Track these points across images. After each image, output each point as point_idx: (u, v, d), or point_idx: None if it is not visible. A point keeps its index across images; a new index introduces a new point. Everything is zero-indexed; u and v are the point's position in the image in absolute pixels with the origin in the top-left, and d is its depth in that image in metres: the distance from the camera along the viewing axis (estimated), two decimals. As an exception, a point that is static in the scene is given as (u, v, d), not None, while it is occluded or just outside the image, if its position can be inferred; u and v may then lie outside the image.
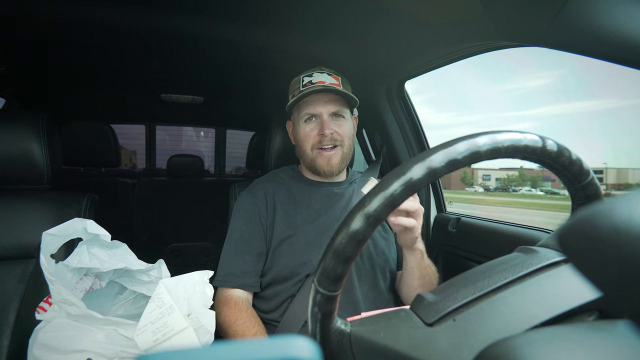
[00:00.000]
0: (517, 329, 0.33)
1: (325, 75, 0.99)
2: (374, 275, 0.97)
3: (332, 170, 0.99)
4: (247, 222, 0.98)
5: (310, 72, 1.01)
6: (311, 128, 0.98)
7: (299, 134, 1.01)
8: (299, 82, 1.00)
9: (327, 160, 0.98)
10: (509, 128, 0.38)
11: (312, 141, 0.98)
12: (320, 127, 0.97)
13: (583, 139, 72.31)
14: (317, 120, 0.98)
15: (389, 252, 1.02)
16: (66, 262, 0.71)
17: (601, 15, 0.56)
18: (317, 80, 0.97)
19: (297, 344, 0.18)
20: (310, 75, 0.99)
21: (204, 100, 2.07)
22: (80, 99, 2.05)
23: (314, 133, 0.98)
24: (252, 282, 0.93)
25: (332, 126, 0.97)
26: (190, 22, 1.09)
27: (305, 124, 0.99)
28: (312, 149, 0.99)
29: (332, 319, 0.39)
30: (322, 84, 0.96)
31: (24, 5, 0.97)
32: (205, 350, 0.18)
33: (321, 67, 1.02)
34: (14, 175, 0.89)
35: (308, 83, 0.97)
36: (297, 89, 1.00)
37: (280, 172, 1.09)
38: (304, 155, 1.01)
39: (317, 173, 1.01)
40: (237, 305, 0.88)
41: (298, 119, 1.01)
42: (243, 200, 1.02)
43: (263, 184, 1.04)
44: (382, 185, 0.35)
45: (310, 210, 0.99)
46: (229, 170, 3.21)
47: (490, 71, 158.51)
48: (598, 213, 0.19)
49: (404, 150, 1.37)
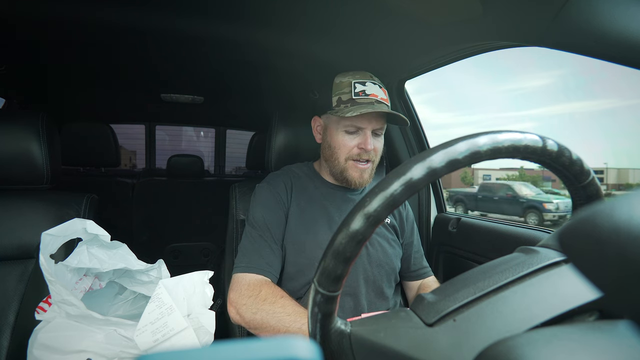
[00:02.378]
0: (518, 329, 0.33)
1: (377, 87, 0.94)
2: (380, 282, 0.96)
3: (362, 183, 0.97)
4: (270, 211, 0.95)
5: (362, 78, 0.94)
6: (351, 139, 0.94)
7: (336, 141, 0.96)
8: (349, 87, 0.93)
9: (360, 173, 0.95)
10: (509, 128, 0.37)
11: (350, 153, 0.95)
12: (362, 142, 0.93)
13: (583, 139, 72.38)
14: (360, 133, 0.94)
15: (396, 259, 1.01)
16: (66, 262, 0.71)
17: (601, 15, 0.56)
18: (370, 92, 0.92)
19: (297, 344, 0.18)
20: (364, 84, 0.94)
21: (204, 100, 2.07)
22: (80, 99, 2.05)
23: (352, 144, 0.94)
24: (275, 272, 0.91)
25: (374, 142, 0.94)
26: (190, 22, 1.09)
27: (346, 133, 0.95)
28: (346, 160, 0.95)
29: (332, 319, 0.39)
30: (375, 98, 0.92)
31: (24, 5, 0.97)
32: (205, 350, 0.18)
33: (372, 76, 0.97)
34: (13, 175, 0.89)
35: (361, 93, 0.92)
36: (346, 93, 0.93)
37: (294, 167, 1.07)
38: (335, 162, 0.97)
39: (344, 182, 0.99)
40: (274, 286, 0.85)
41: (337, 124, 0.95)
42: (262, 190, 0.99)
43: (281, 176, 1.02)
44: (382, 185, 0.35)
45: (323, 212, 0.97)
46: (229, 170, 3.22)
47: (491, 71, 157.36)
48: (598, 213, 0.19)
49: (404, 150, 1.37)
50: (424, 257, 1.10)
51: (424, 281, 1.07)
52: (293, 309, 0.78)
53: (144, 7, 1.02)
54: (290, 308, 0.78)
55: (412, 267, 1.06)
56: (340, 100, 0.93)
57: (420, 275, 1.06)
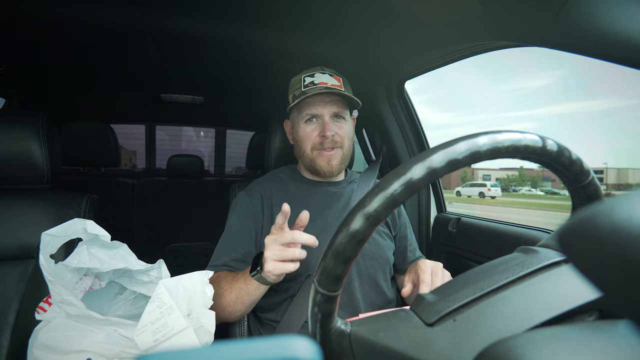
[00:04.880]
0: (517, 329, 0.33)
1: (327, 76, 0.98)
2: (375, 275, 0.97)
3: (332, 171, 0.99)
4: (240, 221, 0.97)
5: (311, 72, 1.00)
6: (312, 129, 0.98)
7: (299, 134, 1.00)
8: (300, 82, 0.99)
9: (327, 160, 0.98)
10: (510, 128, 0.37)
11: (313, 142, 0.98)
12: (322, 129, 0.96)
13: (583, 139, 72.13)
14: (318, 121, 0.98)
15: (389, 252, 1.02)
16: (66, 262, 0.71)
17: (601, 15, 0.56)
18: (319, 81, 0.97)
19: (297, 344, 0.18)
20: (312, 76, 0.98)
21: (204, 100, 2.07)
22: (80, 99, 2.05)
23: (314, 134, 0.98)
24: (237, 266, 0.92)
25: (333, 127, 0.97)
26: (190, 22, 1.09)
27: (305, 124, 0.98)
28: (312, 150, 0.98)
29: (332, 319, 0.39)
30: (325, 85, 0.95)
31: (24, 6, 0.96)
32: (205, 350, 0.18)
33: (323, 68, 1.02)
34: (13, 175, 0.89)
35: (310, 84, 0.97)
36: (298, 88, 0.99)
37: (278, 172, 1.09)
38: (303, 155, 1.01)
39: (316, 173, 1.01)
40: (219, 276, 0.88)
41: (298, 119, 1.00)
42: (239, 200, 1.02)
43: (260, 184, 1.04)
44: (382, 185, 0.35)
45: (308, 209, 0.98)
46: (229, 170, 3.21)
47: (491, 71, 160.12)
48: (598, 213, 0.19)
49: (404, 150, 1.37)
50: (418, 249, 1.12)
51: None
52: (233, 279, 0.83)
53: (144, 7, 1.02)
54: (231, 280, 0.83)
55: (408, 259, 1.08)
56: (295, 96, 0.98)
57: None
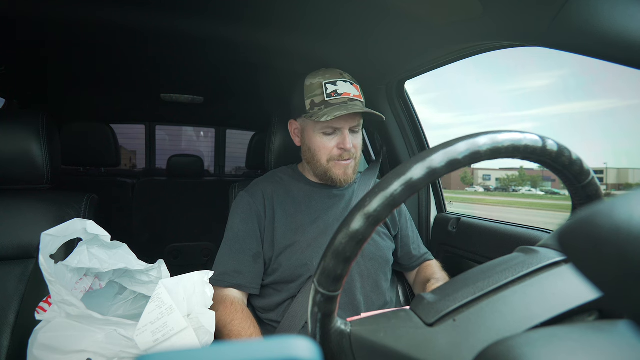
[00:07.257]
0: (517, 329, 0.33)
1: (349, 85, 0.94)
2: (375, 276, 0.97)
3: (347, 180, 0.97)
4: (243, 222, 0.97)
5: (332, 78, 0.94)
6: (329, 140, 0.95)
7: (315, 143, 0.97)
8: (320, 88, 0.93)
9: (344, 170, 0.96)
10: (510, 128, 0.37)
11: (331, 154, 0.95)
12: (341, 142, 0.94)
13: (583, 139, 72.14)
14: (337, 133, 0.95)
15: (388, 252, 1.02)
16: (66, 263, 0.71)
17: (601, 15, 0.56)
18: (342, 91, 0.93)
19: (297, 344, 0.18)
20: (335, 84, 0.93)
21: (204, 100, 2.07)
22: (80, 99, 2.06)
23: (331, 145, 0.95)
24: (247, 282, 0.92)
25: (352, 140, 0.95)
26: (190, 22, 1.09)
27: (324, 135, 0.95)
28: (328, 161, 0.96)
29: (332, 319, 0.39)
30: (348, 96, 0.92)
31: (24, 6, 0.96)
32: (205, 350, 0.18)
33: (342, 73, 0.97)
34: (13, 175, 0.89)
35: (333, 93, 0.92)
36: (318, 95, 0.93)
37: (279, 172, 1.09)
38: (317, 165, 0.98)
39: (329, 181, 0.99)
40: (232, 305, 0.87)
41: (314, 127, 0.96)
42: (241, 200, 1.01)
43: (262, 184, 1.03)
44: (382, 185, 0.35)
45: (310, 211, 0.98)
46: (229, 170, 3.21)
47: (491, 71, 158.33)
48: (598, 213, 0.19)
49: (404, 150, 1.37)
50: (422, 244, 1.13)
51: (423, 264, 1.10)
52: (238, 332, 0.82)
53: (144, 7, 1.02)
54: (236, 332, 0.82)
55: (413, 256, 1.09)
56: (314, 103, 0.93)
57: (424, 261, 1.10)
